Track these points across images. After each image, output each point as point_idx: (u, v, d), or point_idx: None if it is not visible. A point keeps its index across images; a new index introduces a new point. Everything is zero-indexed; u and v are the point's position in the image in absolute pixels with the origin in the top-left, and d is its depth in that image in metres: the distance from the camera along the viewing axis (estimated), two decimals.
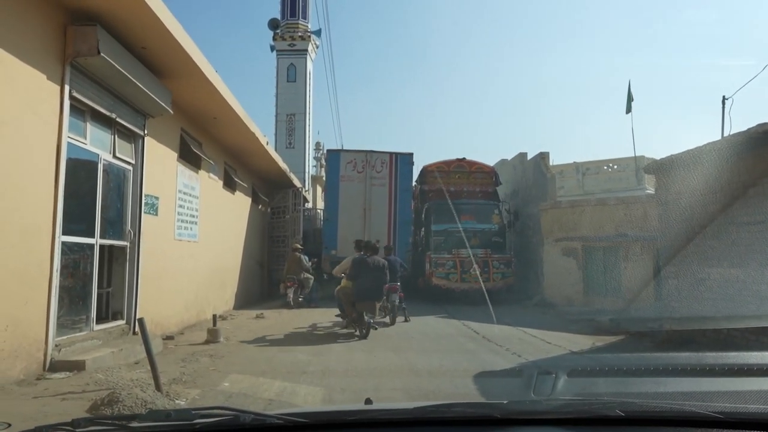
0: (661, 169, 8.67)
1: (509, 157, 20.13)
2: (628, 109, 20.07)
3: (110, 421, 1.51)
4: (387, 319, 10.47)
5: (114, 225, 7.17)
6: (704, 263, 7.85)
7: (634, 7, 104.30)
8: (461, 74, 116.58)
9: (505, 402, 1.70)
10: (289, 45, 26.79)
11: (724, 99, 11.10)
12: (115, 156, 6.97)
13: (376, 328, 9.40)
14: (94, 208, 6.51)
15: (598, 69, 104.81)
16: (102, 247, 6.78)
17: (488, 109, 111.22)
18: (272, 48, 27.26)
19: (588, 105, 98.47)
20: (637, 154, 20.27)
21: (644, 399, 1.92)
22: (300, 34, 26.95)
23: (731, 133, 9.39)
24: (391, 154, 16.10)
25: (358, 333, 9.02)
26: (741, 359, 5.08)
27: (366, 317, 8.94)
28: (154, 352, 5.02)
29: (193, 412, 1.51)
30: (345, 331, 9.42)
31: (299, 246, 14.33)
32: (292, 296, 13.23)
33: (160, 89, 7.49)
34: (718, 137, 9.36)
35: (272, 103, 27.04)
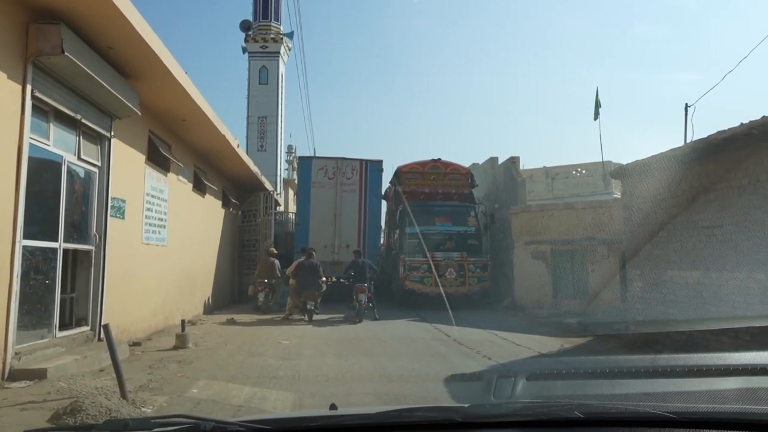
0: (627, 173, 8.89)
1: (480, 162, 20.34)
2: (596, 116, 20.49)
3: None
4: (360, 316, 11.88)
5: (79, 229, 6.99)
6: (667, 266, 8.06)
7: (596, 22, 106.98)
8: (434, 80, 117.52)
9: (466, 405, 1.73)
10: (261, 47, 26.61)
11: (686, 106, 11.44)
12: (80, 158, 6.81)
13: (317, 313, 12.02)
14: (58, 211, 6.34)
15: (566, 78, 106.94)
16: (66, 251, 6.60)
17: (460, 114, 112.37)
18: (244, 50, 27.06)
19: (557, 112, 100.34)
20: (604, 159, 20.70)
21: (601, 400, 1.97)
22: (272, 36, 26.82)
23: (693, 139, 9.68)
24: (361, 161, 16.44)
25: (306, 318, 11.77)
26: (693, 360, 5.19)
27: (309, 305, 11.81)
28: (120, 359, 4.91)
29: (153, 420, 1.48)
30: (297, 317, 11.97)
31: (274, 251, 14.36)
32: (262, 300, 13.32)
33: (127, 90, 7.34)
34: (681, 144, 9.64)
35: (244, 105, 26.85)
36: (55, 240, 6.29)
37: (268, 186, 17.45)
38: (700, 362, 3.95)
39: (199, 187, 12.49)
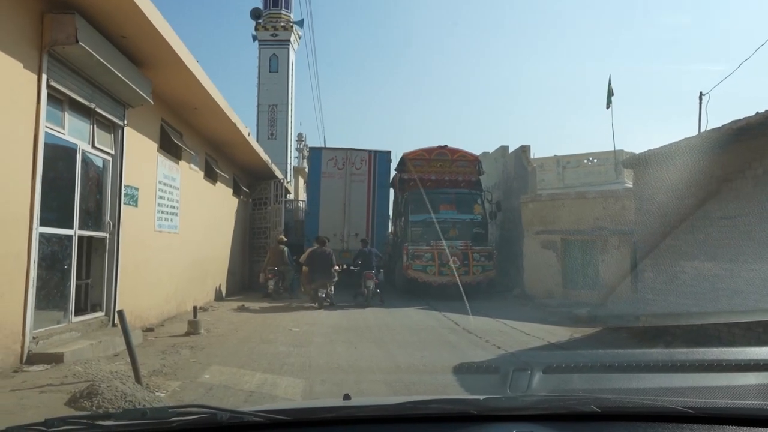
0: (639, 163, 8.82)
1: (490, 150, 20.26)
2: (608, 104, 20.31)
3: (84, 421, 1.46)
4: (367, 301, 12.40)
5: (93, 216, 7.08)
6: (679, 257, 8.02)
7: (612, 10, 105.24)
8: (444, 67, 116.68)
9: (481, 398, 1.72)
10: (272, 35, 26.55)
11: (701, 95, 11.30)
12: (94, 146, 6.87)
13: (329, 302, 12.04)
14: (73, 199, 6.42)
15: (578, 68, 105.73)
16: (81, 238, 6.70)
17: (470, 103, 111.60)
18: (254, 38, 27.01)
19: (569, 100, 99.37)
20: (616, 149, 20.56)
21: (618, 394, 1.98)
22: (282, 24, 26.73)
23: (708, 128, 9.58)
24: (369, 152, 16.75)
25: (316, 305, 11.81)
26: (711, 355, 5.26)
27: (320, 293, 11.92)
28: (134, 344, 5.00)
29: (170, 410, 1.48)
30: (308, 304, 12.04)
31: (284, 238, 14.54)
32: (272, 287, 13.53)
33: (140, 79, 7.39)
34: (695, 134, 9.55)
35: (254, 93, 26.85)
36: (71, 227, 6.38)
37: (279, 174, 17.53)
38: (719, 357, 4.12)
39: (211, 175, 12.56)
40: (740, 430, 1.50)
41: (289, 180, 22.91)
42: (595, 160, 21.86)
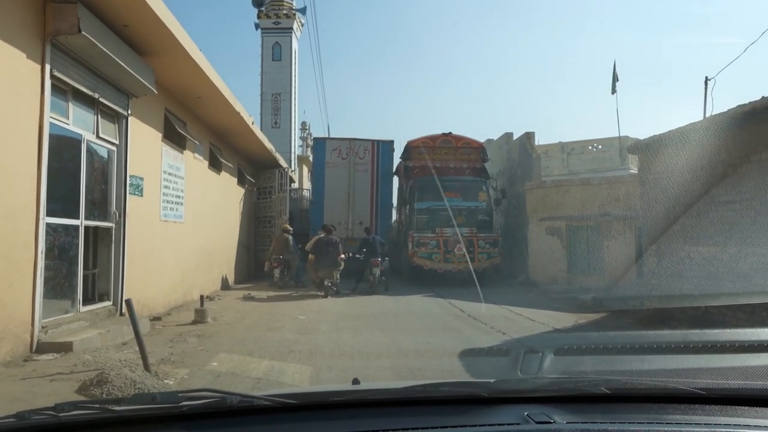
0: (644, 149, 8.78)
1: (495, 137, 20.18)
2: (614, 89, 20.12)
3: (95, 405, 1.46)
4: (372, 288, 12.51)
5: (99, 206, 7.12)
6: (684, 242, 8.01)
7: None
8: (447, 54, 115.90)
9: (492, 381, 1.71)
10: (274, 23, 26.40)
11: (706, 80, 11.20)
12: (98, 136, 6.89)
13: (335, 290, 12.00)
14: (78, 189, 6.45)
15: (583, 49, 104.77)
16: (87, 228, 6.74)
17: (474, 90, 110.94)
18: (257, 26, 26.88)
19: (574, 85, 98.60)
20: (621, 134, 20.41)
21: (629, 376, 1.97)
22: (285, 11, 26.58)
23: (713, 113, 9.52)
24: (373, 141, 16.91)
25: (322, 293, 11.74)
26: (723, 336, 5.16)
27: (326, 281, 11.84)
28: (141, 333, 5.05)
29: (180, 394, 1.49)
30: (313, 292, 12.09)
31: (288, 227, 14.57)
32: (278, 276, 13.60)
33: (143, 68, 7.38)
34: (700, 119, 9.47)
35: (257, 82, 26.78)
36: (77, 217, 6.42)
37: (283, 163, 17.56)
38: (732, 338, 3.95)
39: (215, 165, 12.58)
40: (753, 411, 1.49)
41: (293, 169, 22.91)
42: (600, 147, 21.73)
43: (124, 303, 7.26)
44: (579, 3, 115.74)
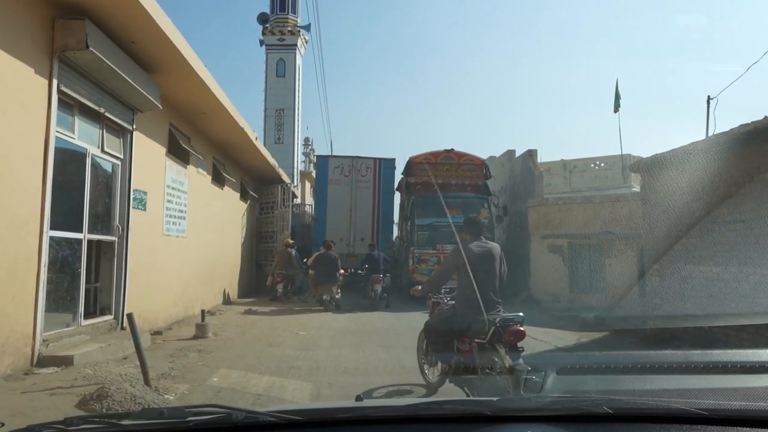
0: (647, 167, 8.81)
1: (497, 155, 20.25)
2: (616, 108, 20.28)
3: (103, 420, 1.49)
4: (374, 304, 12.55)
5: (102, 220, 7.14)
6: (687, 261, 8.00)
7: (625, 12, 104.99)
8: (451, 72, 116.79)
9: (495, 399, 1.72)
10: (279, 39, 26.68)
11: (708, 99, 11.26)
12: (103, 150, 6.94)
13: (335, 306, 12.04)
14: (82, 203, 6.48)
15: (585, 70, 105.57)
16: (90, 242, 6.76)
17: (477, 107, 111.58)
18: (261, 42, 27.16)
19: (576, 104, 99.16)
20: (623, 153, 20.49)
21: (631, 396, 1.94)
22: (289, 28, 26.86)
23: (715, 133, 9.55)
24: (375, 159, 17.20)
25: (323, 308, 11.92)
26: (725, 357, 5.19)
27: (325, 296, 12.03)
28: (142, 347, 5.03)
29: (186, 410, 1.50)
30: (316, 308, 12.14)
31: (291, 242, 14.61)
32: (281, 290, 13.66)
33: (149, 84, 7.45)
34: (702, 138, 9.50)
35: (261, 97, 26.98)
36: (80, 231, 6.44)
37: (286, 178, 17.65)
38: (734, 359, 3.99)
39: (218, 180, 12.63)
40: None
41: (296, 184, 22.99)
42: (603, 165, 21.82)
43: (125, 317, 7.27)
44: (581, 26, 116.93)
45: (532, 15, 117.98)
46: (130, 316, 4.98)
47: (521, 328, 4.23)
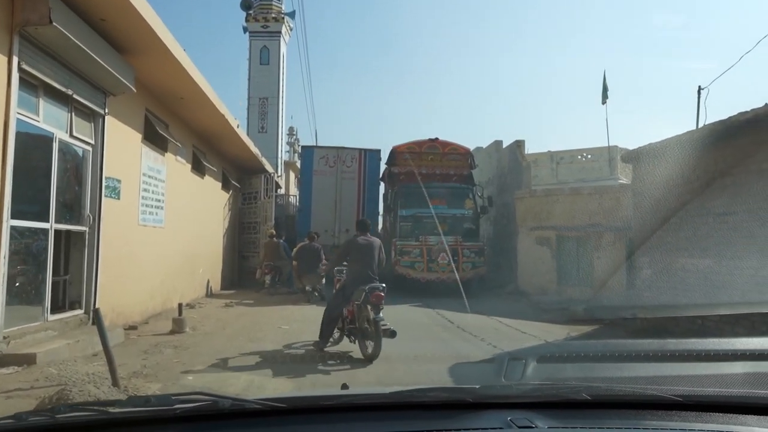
0: (639, 157, 8.60)
1: (484, 145, 20.02)
2: (604, 99, 20.10)
3: (90, 407, 1.49)
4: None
5: (71, 209, 6.76)
6: (677, 253, 7.83)
7: (609, 10, 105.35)
8: (437, 62, 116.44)
9: (477, 387, 1.76)
10: (263, 26, 26.09)
11: (699, 89, 11.10)
12: (72, 135, 6.54)
13: (319, 297, 11.70)
14: (49, 190, 6.10)
15: (570, 63, 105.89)
16: (58, 232, 6.38)
17: (464, 98, 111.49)
18: (245, 29, 26.54)
19: (561, 96, 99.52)
20: (610, 145, 20.36)
21: (609, 383, 1.99)
22: (273, 15, 26.28)
23: (706, 123, 9.38)
24: (360, 150, 16.93)
25: (307, 299, 11.81)
26: (700, 345, 5.35)
27: (307, 287, 12.03)
28: (112, 344, 4.72)
29: (173, 397, 1.51)
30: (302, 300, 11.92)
31: (273, 232, 14.39)
32: (269, 282, 13.52)
33: (121, 65, 7.05)
34: (695, 128, 9.33)
35: (245, 86, 26.40)
36: (46, 220, 6.06)
37: (269, 168, 17.30)
38: (708, 347, 4.18)
39: (198, 168, 12.23)
40: (727, 417, 1.55)
41: (280, 174, 22.56)
42: (589, 156, 21.64)
43: (93, 312, 6.92)
44: (570, 23, 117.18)
45: (517, 7, 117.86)
46: (96, 312, 4.65)
47: (381, 294, 6.30)
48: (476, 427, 1.47)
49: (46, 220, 6.06)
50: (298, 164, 20.04)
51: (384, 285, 6.49)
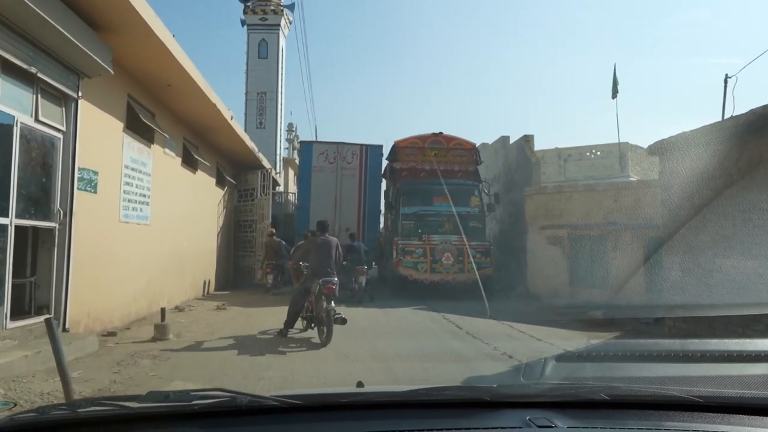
0: (667, 149, 7.84)
1: (490, 141, 19.30)
2: (614, 94, 19.39)
3: (110, 402, 1.49)
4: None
5: (38, 203, 6.03)
6: (714, 253, 7.08)
7: (623, 7, 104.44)
8: (440, 56, 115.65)
9: (495, 386, 1.75)
10: (261, 19, 25.39)
11: (726, 77, 10.37)
12: (38, 120, 5.83)
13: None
14: (8, 181, 5.39)
15: (579, 60, 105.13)
16: (20, 228, 5.67)
17: (468, 94, 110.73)
18: (243, 22, 25.86)
19: (570, 94, 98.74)
20: (621, 141, 19.65)
21: (629, 383, 1.95)
22: (272, 7, 25.60)
23: (733, 114, 8.65)
24: (361, 146, 16.34)
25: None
26: (723, 346, 5.07)
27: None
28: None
29: (192, 393, 1.51)
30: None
31: (272, 230, 13.82)
32: (271, 281, 13.20)
33: (96, 44, 6.34)
34: (721, 118, 8.60)
35: (243, 80, 25.68)
36: (5, 215, 5.35)
37: (266, 163, 16.63)
38: (730, 347, 4.03)
39: (190, 163, 11.52)
40: (750, 419, 1.51)
41: (278, 171, 21.85)
42: (599, 153, 20.90)
43: (67, 317, 6.20)
44: (580, 22, 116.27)
45: (528, 11, 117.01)
46: (48, 322, 3.89)
47: (332, 286, 7.35)
48: (495, 425, 1.46)
49: (5, 215, 5.34)
50: (297, 161, 19.32)
51: (336, 279, 7.54)
